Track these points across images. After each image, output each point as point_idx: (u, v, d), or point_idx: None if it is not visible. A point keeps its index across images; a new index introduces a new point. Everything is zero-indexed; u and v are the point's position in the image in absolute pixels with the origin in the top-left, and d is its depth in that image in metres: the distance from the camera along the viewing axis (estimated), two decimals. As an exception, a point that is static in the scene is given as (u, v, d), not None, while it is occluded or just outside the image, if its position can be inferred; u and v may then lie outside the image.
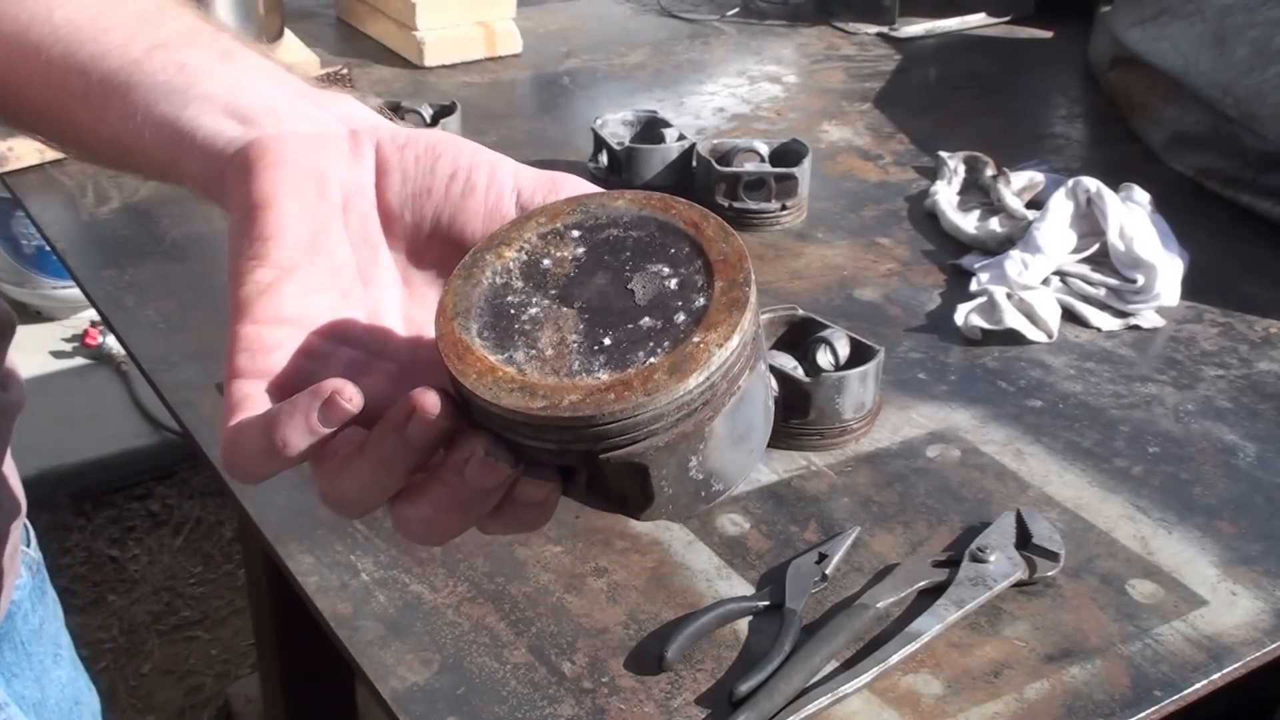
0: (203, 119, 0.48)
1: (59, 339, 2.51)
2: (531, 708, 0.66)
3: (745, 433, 0.45)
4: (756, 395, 0.45)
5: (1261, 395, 0.93)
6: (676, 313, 0.42)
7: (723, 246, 0.44)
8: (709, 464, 0.44)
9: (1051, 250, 1.04)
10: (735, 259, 0.43)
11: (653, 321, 0.42)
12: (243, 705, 1.92)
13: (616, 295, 0.43)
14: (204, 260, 1.09)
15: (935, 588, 0.73)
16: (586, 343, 0.42)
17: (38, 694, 0.78)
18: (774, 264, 1.09)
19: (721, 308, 0.42)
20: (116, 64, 0.50)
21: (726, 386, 0.42)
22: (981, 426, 0.89)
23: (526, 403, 0.41)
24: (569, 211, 0.46)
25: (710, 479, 0.44)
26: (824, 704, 0.66)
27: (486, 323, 0.44)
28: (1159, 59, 1.30)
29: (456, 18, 1.51)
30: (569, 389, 0.41)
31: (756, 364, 0.44)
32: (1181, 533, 0.79)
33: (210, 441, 0.86)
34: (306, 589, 0.74)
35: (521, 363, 0.42)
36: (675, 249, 0.44)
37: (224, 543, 2.29)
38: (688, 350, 0.41)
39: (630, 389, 0.41)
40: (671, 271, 0.43)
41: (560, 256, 0.45)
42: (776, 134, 1.30)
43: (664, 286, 0.43)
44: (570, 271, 0.44)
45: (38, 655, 0.78)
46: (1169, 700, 0.68)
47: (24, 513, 0.74)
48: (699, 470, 0.44)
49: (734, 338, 0.42)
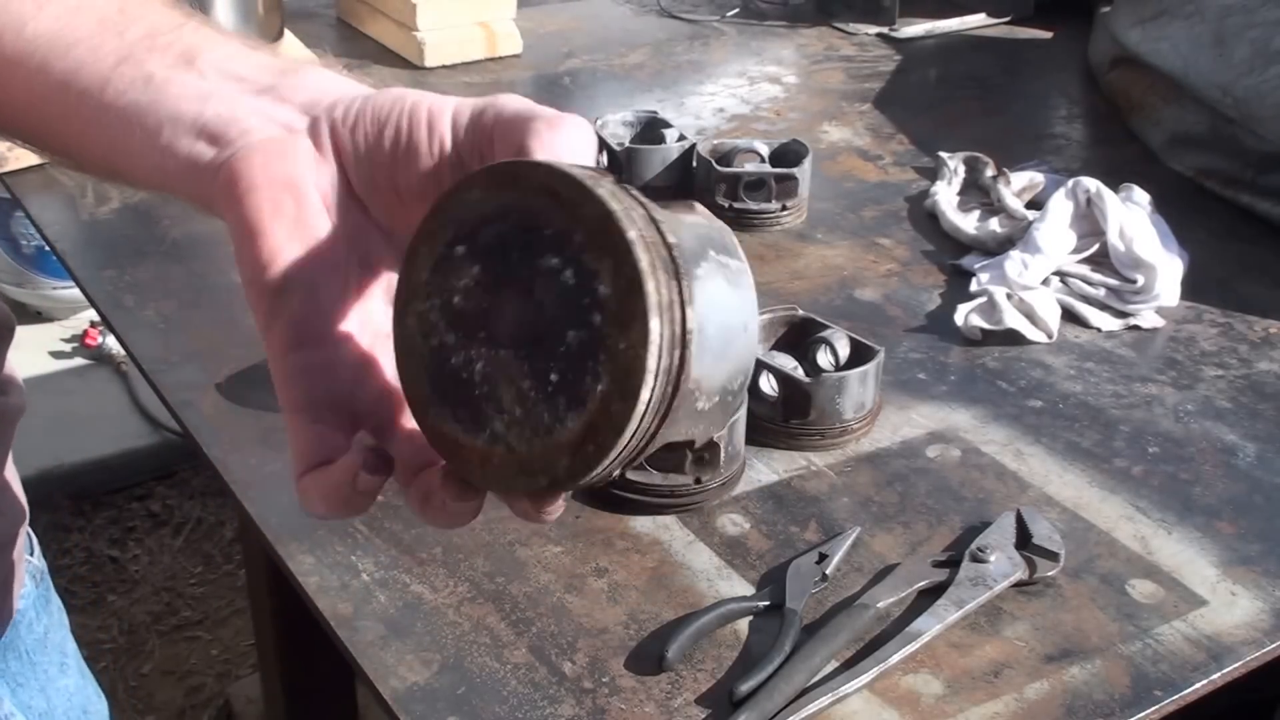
0: (178, 144, 0.49)
1: (59, 339, 2.51)
2: (532, 708, 0.66)
3: (725, 343, 0.44)
4: (712, 313, 0.43)
5: (1261, 395, 0.93)
6: (590, 313, 0.41)
7: (585, 211, 0.41)
8: (711, 392, 0.44)
9: (1051, 250, 1.04)
10: (599, 222, 0.41)
11: (576, 333, 0.42)
12: (243, 705, 1.92)
13: (531, 314, 0.43)
14: (204, 260, 1.09)
15: (935, 588, 0.73)
16: (540, 385, 0.43)
17: (44, 703, 0.77)
18: (774, 264, 1.09)
19: (623, 294, 0.41)
20: (86, 82, 0.50)
21: (677, 356, 0.41)
22: (981, 426, 0.89)
23: (532, 482, 0.43)
24: (439, 227, 0.45)
25: (723, 393, 0.44)
26: (824, 704, 0.66)
27: (452, 401, 0.45)
28: (1159, 59, 1.30)
29: (457, 18, 1.51)
30: (556, 452, 0.42)
31: (690, 298, 0.42)
32: (1181, 533, 0.79)
33: (210, 441, 0.86)
34: (307, 589, 0.74)
35: (502, 434, 0.44)
36: (550, 229, 0.42)
37: (224, 543, 2.29)
38: (622, 364, 0.41)
39: (600, 431, 0.41)
40: (561, 261, 0.42)
41: (463, 286, 0.44)
42: (776, 134, 1.30)
43: (564, 284, 0.42)
44: (482, 302, 0.44)
45: (43, 665, 0.78)
46: (1169, 700, 0.68)
47: (27, 520, 0.74)
48: (706, 402, 0.44)
49: (651, 324, 0.40)
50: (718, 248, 0.44)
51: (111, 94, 0.50)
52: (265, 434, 0.86)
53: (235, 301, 1.02)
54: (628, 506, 0.79)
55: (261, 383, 0.91)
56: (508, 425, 0.43)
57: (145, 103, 0.49)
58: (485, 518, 0.79)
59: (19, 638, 0.76)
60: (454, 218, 0.44)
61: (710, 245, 0.44)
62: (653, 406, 0.41)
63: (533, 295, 0.42)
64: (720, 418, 0.45)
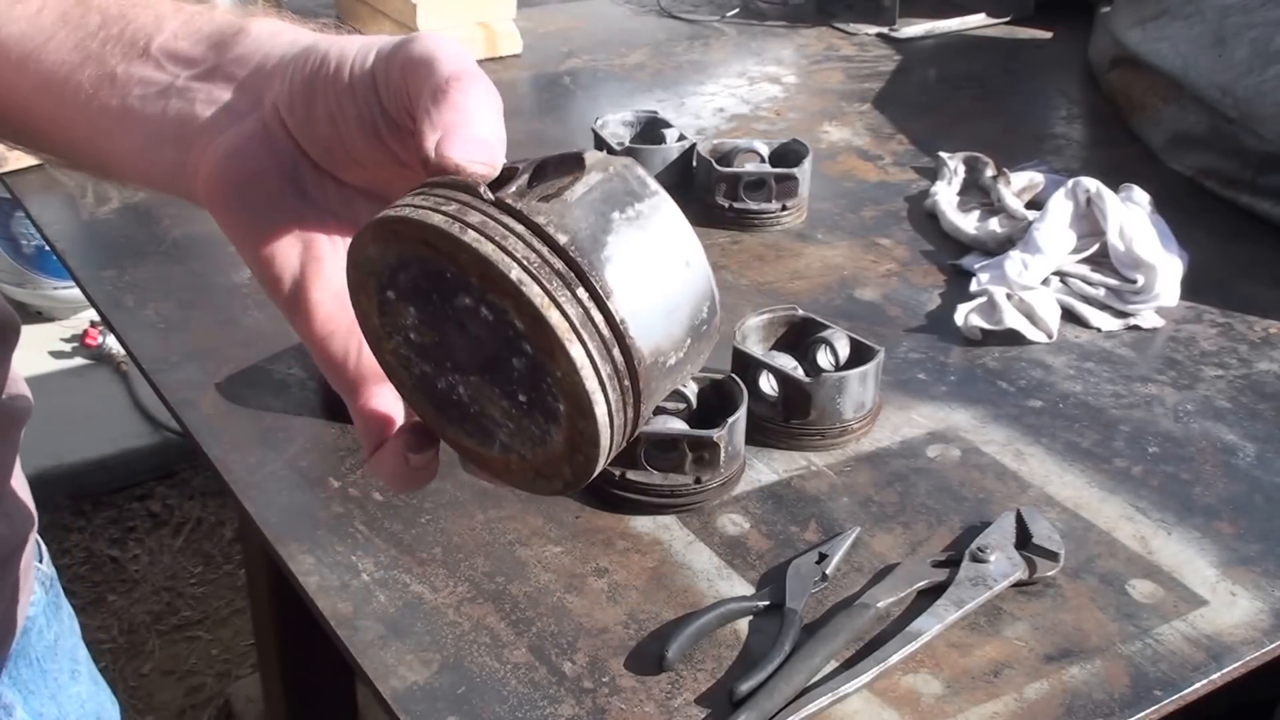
0: (157, 153, 0.50)
1: (59, 339, 2.51)
2: (532, 707, 0.66)
3: (667, 297, 0.42)
4: (639, 284, 0.41)
5: (1261, 395, 0.93)
6: (520, 343, 0.41)
7: (463, 259, 0.41)
8: (676, 345, 0.43)
9: (1051, 250, 1.04)
10: (480, 266, 0.40)
11: (519, 361, 0.42)
12: (243, 705, 1.92)
13: (475, 345, 0.43)
14: (204, 260, 1.09)
15: (935, 588, 0.73)
16: (515, 405, 0.44)
17: (55, 711, 0.77)
18: (774, 264, 1.09)
19: (534, 329, 0.40)
20: (60, 89, 0.51)
21: (618, 354, 0.41)
22: (981, 426, 0.89)
23: (549, 485, 0.45)
24: (362, 279, 0.45)
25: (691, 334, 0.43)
26: (824, 704, 0.66)
27: (457, 420, 0.46)
28: (1159, 59, 1.30)
29: (457, 18, 1.51)
30: (556, 460, 0.44)
31: (607, 289, 0.41)
32: (1181, 533, 0.79)
33: (210, 441, 0.86)
34: (307, 589, 0.74)
35: (509, 444, 0.45)
36: (449, 274, 0.42)
37: (224, 543, 2.29)
38: (567, 389, 0.41)
39: (580, 443, 0.42)
40: (472, 301, 0.42)
41: (411, 325, 0.45)
42: (776, 134, 1.31)
43: (485, 320, 0.42)
44: (434, 336, 0.44)
45: (53, 672, 0.78)
46: (1169, 700, 0.68)
47: (36, 526, 0.74)
48: (676, 356, 0.43)
49: (573, 352, 0.40)
50: (620, 203, 0.42)
51: (84, 99, 0.50)
52: (265, 434, 0.86)
53: (235, 301, 1.02)
54: (628, 506, 0.79)
55: (261, 383, 0.91)
56: (510, 437, 0.45)
57: (116, 108, 0.50)
58: (485, 517, 0.79)
59: (30, 645, 0.76)
60: (368, 270, 0.45)
61: (612, 205, 0.42)
62: (616, 406, 0.41)
63: (470, 332, 0.42)
64: (698, 351, 0.44)
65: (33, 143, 0.56)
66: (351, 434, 0.86)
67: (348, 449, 0.85)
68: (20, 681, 0.74)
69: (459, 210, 0.41)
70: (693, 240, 0.43)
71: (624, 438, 0.43)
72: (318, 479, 0.82)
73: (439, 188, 0.42)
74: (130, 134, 0.50)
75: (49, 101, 0.51)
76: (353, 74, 0.46)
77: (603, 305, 0.40)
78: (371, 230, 0.43)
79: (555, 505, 0.80)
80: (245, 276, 1.06)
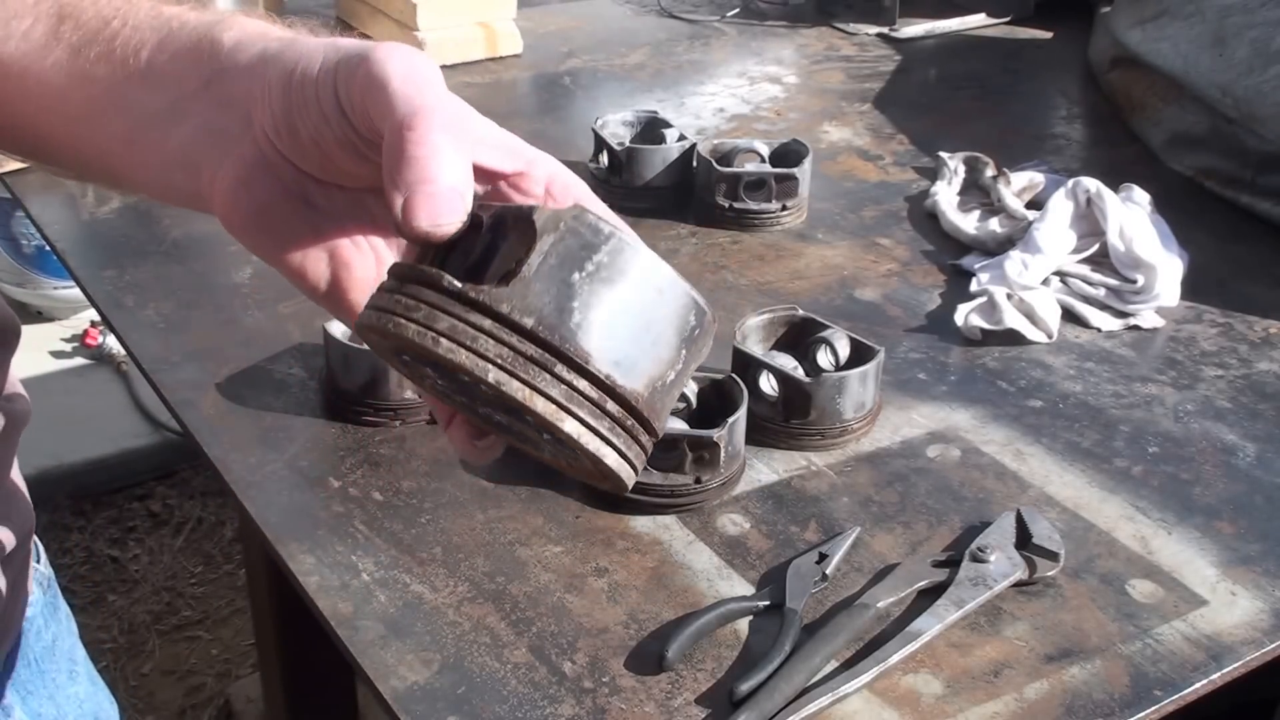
0: (173, 179, 0.51)
1: (59, 339, 2.51)
2: (532, 707, 0.66)
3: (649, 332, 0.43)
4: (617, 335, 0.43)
5: (1261, 395, 0.93)
6: (522, 414, 0.43)
7: (444, 364, 0.43)
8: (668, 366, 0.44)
9: (1051, 250, 1.04)
10: (454, 368, 0.42)
11: (531, 419, 0.43)
12: (243, 705, 1.92)
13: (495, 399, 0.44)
14: (204, 260, 1.09)
15: (935, 588, 0.73)
16: (543, 438, 0.46)
17: (53, 711, 0.77)
18: (774, 264, 1.09)
19: (525, 411, 0.42)
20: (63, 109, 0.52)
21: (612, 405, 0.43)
22: (981, 426, 0.89)
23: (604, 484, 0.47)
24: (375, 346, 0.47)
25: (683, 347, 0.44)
26: (824, 704, 0.66)
27: (505, 431, 0.48)
28: (1159, 59, 1.30)
29: (457, 18, 1.51)
30: (594, 475, 0.46)
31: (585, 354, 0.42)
32: (1181, 533, 0.79)
33: (210, 441, 0.86)
34: (307, 589, 0.74)
35: (555, 453, 0.48)
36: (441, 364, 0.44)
37: (225, 542, 2.29)
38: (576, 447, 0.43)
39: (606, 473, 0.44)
40: (469, 378, 0.43)
41: (434, 379, 0.47)
42: (777, 134, 1.30)
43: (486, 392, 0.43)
44: (456, 388, 0.47)
45: (51, 672, 0.78)
46: (1169, 700, 0.68)
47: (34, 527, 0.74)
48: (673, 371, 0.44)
49: (568, 428, 0.42)
50: (578, 262, 0.42)
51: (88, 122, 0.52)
52: (265, 434, 0.86)
53: (235, 301, 1.02)
54: (628, 506, 0.79)
55: (262, 383, 0.92)
56: (552, 449, 0.47)
57: (121, 134, 0.51)
58: (485, 517, 0.79)
59: (28, 646, 0.76)
60: (375, 349, 0.48)
61: (571, 267, 0.42)
62: (626, 443, 0.44)
63: (483, 391, 0.43)
64: (696, 353, 0.46)
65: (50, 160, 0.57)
66: (351, 434, 0.86)
67: (348, 449, 0.85)
68: (18, 682, 0.74)
69: (428, 316, 0.42)
70: (659, 266, 0.44)
71: (646, 454, 0.45)
72: (318, 479, 0.82)
73: (409, 283, 0.43)
74: (139, 161, 0.52)
75: (55, 120, 0.53)
76: (321, 99, 0.46)
77: (584, 371, 0.42)
78: (359, 331, 0.46)
79: (555, 505, 0.80)
80: (245, 276, 1.06)
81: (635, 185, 1.16)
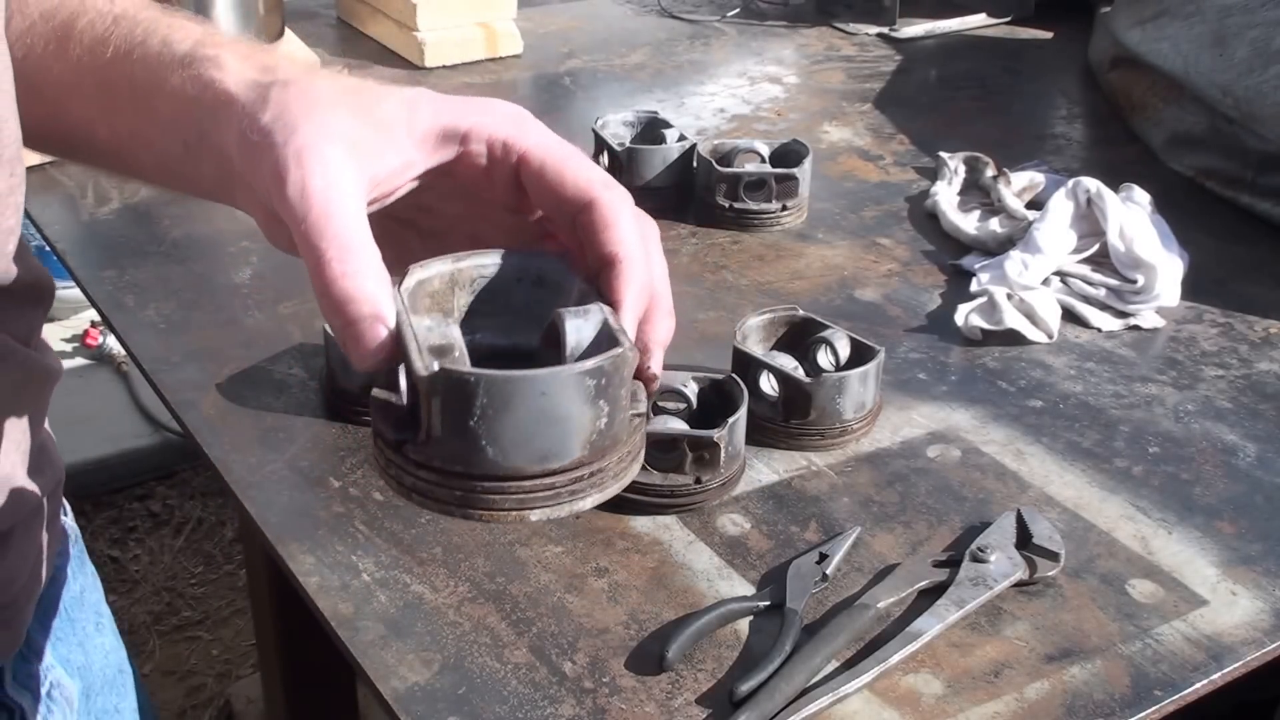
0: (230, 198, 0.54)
1: (59, 339, 2.51)
2: (532, 708, 0.66)
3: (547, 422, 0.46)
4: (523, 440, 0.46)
5: (1261, 395, 0.93)
6: None
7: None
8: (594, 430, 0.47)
9: (1051, 250, 1.04)
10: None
11: None
12: (244, 705, 1.92)
13: None
14: (204, 260, 1.09)
15: (935, 588, 0.73)
16: None
17: (82, 658, 0.79)
18: (774, 264, 1.09)
19: None
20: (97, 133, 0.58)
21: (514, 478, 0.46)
22: (981, 426, 0.89)
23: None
24: None
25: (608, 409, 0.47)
26: (824, 704, 0.66)
27: None
28: (1159, 59, 1.30)
29: (457, 18, 1.51)
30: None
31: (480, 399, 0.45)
32: (1181, 533, 0.79)
33: (210, 441, 0.86)
34: (308, 589, 0.74)
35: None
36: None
37: (225, 543, 2.30)
38: (527, 521, 0.48)
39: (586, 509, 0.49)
40: None
41: None
42: (777, 134, 1.31)
43: None
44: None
45: (80, 621, 0.80)
46: (1169, 700, 0.68)
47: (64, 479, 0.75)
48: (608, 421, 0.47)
49: (501, 515, 0.46)
50: (467, 410, 0.45)
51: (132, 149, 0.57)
52: (265, 434, 0.86)
53: (236, 301, 1.02)
54: (628, 506, 0.79)
55: (262, 383, 0.92)
56: None
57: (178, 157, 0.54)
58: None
59: (58, 595, 0.78)
60: None
61: (465, 416, 0.45)
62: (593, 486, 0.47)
63: None
64: (615, 391, 0.47)
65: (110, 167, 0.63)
66: (352, 434, 0.86)
67: (348, 449, 0.85)
68: (49, 629, 0.76)
69: (397, 473, 0.48)
70: (532, 378, 0.45)
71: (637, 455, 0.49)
72: (318, 479, 0.82)
73: (376, 437, 0.48)
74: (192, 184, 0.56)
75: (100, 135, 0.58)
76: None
77: (522, 478, 0.46)
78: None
79: (555, 505, 0.80)
80: (245, 277, 1.06)
81: (635, 185, 1.16)
